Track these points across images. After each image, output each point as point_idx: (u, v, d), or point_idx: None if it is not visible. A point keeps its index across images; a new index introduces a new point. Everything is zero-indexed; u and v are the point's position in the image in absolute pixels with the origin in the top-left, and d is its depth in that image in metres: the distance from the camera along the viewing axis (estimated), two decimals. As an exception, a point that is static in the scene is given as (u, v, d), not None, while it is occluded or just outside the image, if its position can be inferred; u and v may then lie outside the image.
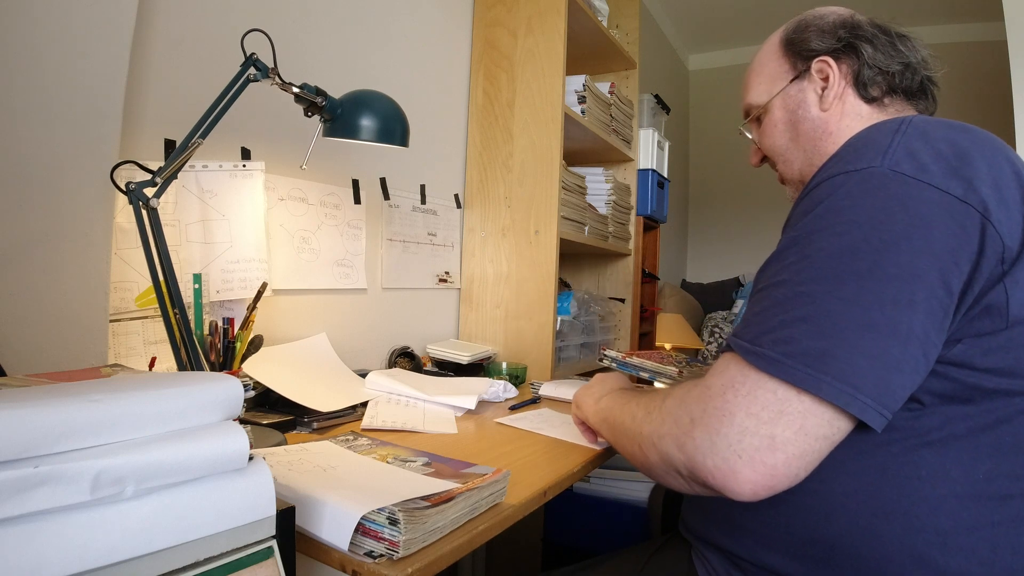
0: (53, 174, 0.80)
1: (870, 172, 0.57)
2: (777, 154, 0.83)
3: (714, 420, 0.55)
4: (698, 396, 0.58)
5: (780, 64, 0.81)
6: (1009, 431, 0.57)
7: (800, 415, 0.52)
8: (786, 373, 0.53)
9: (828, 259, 0.55)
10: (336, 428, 0.97)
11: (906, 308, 0.52)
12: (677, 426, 0.59)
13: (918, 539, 0.56)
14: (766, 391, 0.53)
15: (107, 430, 0.39)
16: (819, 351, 0.52)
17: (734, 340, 0.59)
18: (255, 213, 1.09)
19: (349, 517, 0.54)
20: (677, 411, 0.59)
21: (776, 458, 0.52)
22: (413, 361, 1.44)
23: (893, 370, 0.52)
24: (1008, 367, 0.56)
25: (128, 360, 0.93)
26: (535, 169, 1.61)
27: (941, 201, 0.55)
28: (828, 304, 0.53)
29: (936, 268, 0.53)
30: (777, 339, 0.54)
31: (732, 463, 0.53)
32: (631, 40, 2.19)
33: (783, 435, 0.52)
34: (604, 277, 2.26)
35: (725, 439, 0.54)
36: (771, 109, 0.81)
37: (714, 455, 0.54)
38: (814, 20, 0.79)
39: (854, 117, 0.75)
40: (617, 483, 1.45)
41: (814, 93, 0.77)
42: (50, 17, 0.78)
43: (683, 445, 0.57)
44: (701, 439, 0.55)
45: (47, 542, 0.35)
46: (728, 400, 0.55)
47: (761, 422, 0.53)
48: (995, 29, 1.84)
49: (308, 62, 1.25)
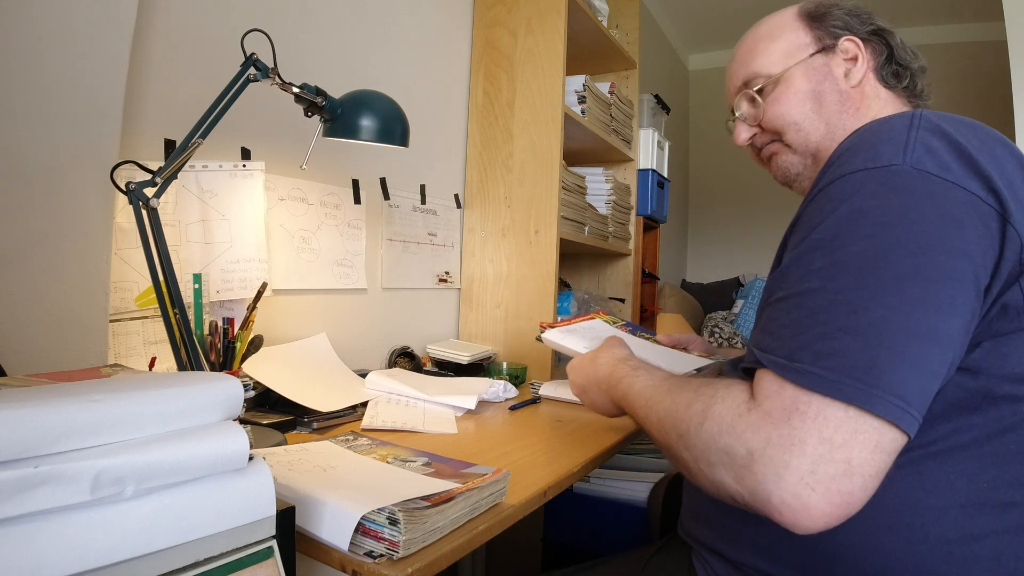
0: (53, 174, 0.80)
1: (893, 170, 0.55)
2: (790, 123, 0.79)
3: (782, 453, 0.49)
4: (754, 425, 0.52)
5: (800, 35, 0.80)
6: (1014, 439, 0.56)
7: (876, 431, 0.49)
8: (834, 390, 0.49)
9: (864, 264, 0.52)
10: (336, 428, 0.97)
11: (948, 313, 0.51)
12: (731, 457, 0.53)
13: (921, 550, 0.55)
14: (837, 410, 0.49)
15: (107, 430, 0.39)
16: (867, 364, 0.49)
17: (765, 356, 0.54)
18: (255, 213, 1.09)
19: (349, 517, 0.54)
20: (727, 440, 0.53)
21: (854, 483, 0.48)
22: (413, 361, 1.44)
23: (933, 378, 0.51)
24: (1020, 373, 0.55)
25: (128, 360, 0.93)
26: (535, 169, 1.61)
27: (967, 201, 0.54)
28: (870, 312, 0.50)
29: (971, 270, 0.52)
30: (819, 353, 0.51)
31: (804, 498, 0.48)
32: (631, 40, 2.19)
33: (860, 456, 0.48)
34: (604, 277, 2.26)
35: (796, 471, 0.49)
36: (789, 78, 0.79)
37: (781, 491, 0.49)
38: (836, 3, 0.80)
39: (874, 98, 0.76)
40: (617, 483, 1.45)
41: (840, 68, 0.77)
42: (50, 17, 0.78)
43: (742, 479, 0.52)
44: (765, 473, 0.50)
45: (47, 542, 0.35)
46: (796, 427, 0.49)
47: (835, 446, 0.48)
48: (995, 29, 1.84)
49: (308, 62, 1.25)
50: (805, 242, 0.57)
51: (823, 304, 0.53)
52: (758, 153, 0.86)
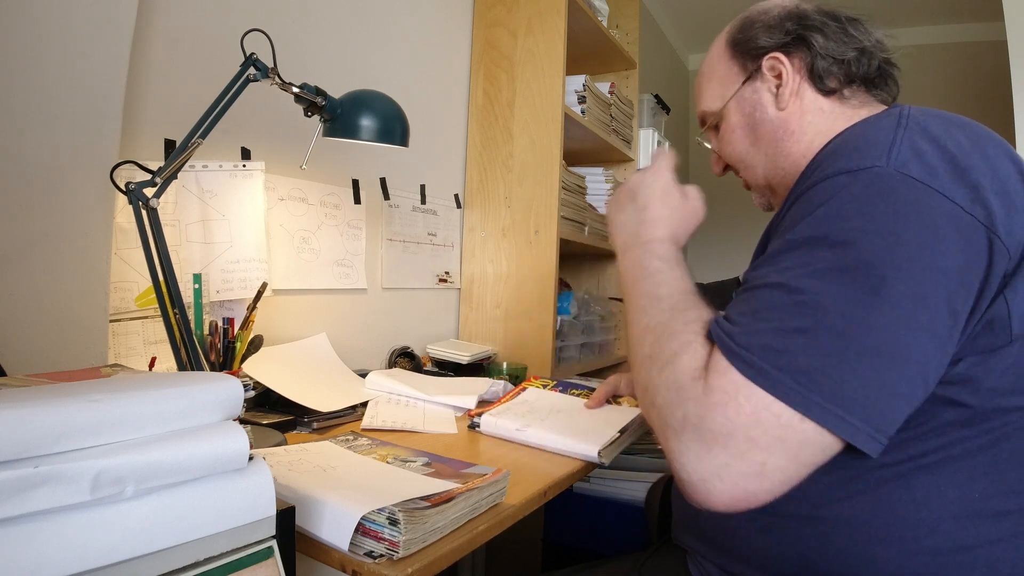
0: (53, 174, 0.80)
1: (876, 173, 0.54)
2: (738, 160, 0.79)
3: (708, 437, 0.51)
4: (697, 397, 0.53)
5: (729, 67, 0.76)
6: (1007, 448, 0.55)
7: (798, 444, 0.49)
8: (774, 386, 0.49)
9: (833, 270, 0.51)
10: (336, 428, 0.97)
11: (912, 331, 0.50)
12: (670, 411, 0.54)
13: (915, 562, 0.55)
14: (770, 414, 0.50)
15: (107, 430, 0.39)
16: (813, 368, 0.49)
17: (719, 333, 0.55)
18: (255, 213, 1.09)
19: (349, 517, 0.54)
20: (674, 395, 0.55)
21: (761, 486, 0.50)
22: (413, 361, 1.44)
23: (890, 395, 0.50)
24: (1009, 385, 0.54)
25: (128, 360, 0.93)
26: (535, 169, 1.61)
27: (951, 212, 0.51)
28: (829, 320, 0.50)
29: (944, 288, 0.50)
30: (768, 347, 0.51)
31: (711, 485, 0.50)
32: (631, 40, 2.19)
33: (775, 463, 0.49)
34: (604, 277, 2.26)
35: (714, 459, 0.50)
36: (727, 115, 0.77)
37: (696, 470, 0.51)
38: (759, 16, 0.74)
39: (816, 112, 0.70)
40: (617, 483, 1.45)
41: (768, 93, 0.72)
42: (50, 17, 0.78)
43: (667, 438, 0.54)
44: (689, 445, 0.52)
45: (47, 542, 0.35)
46: (730, 418, 0.50)
47: (757, 447, 0.49)
48: (995, 29, 1.84)
49: (308, 62, 1.25)
50: (782, 241, 0.57)
51: (784, 302, 0.53)
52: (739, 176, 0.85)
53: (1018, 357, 0.54)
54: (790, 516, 0.60)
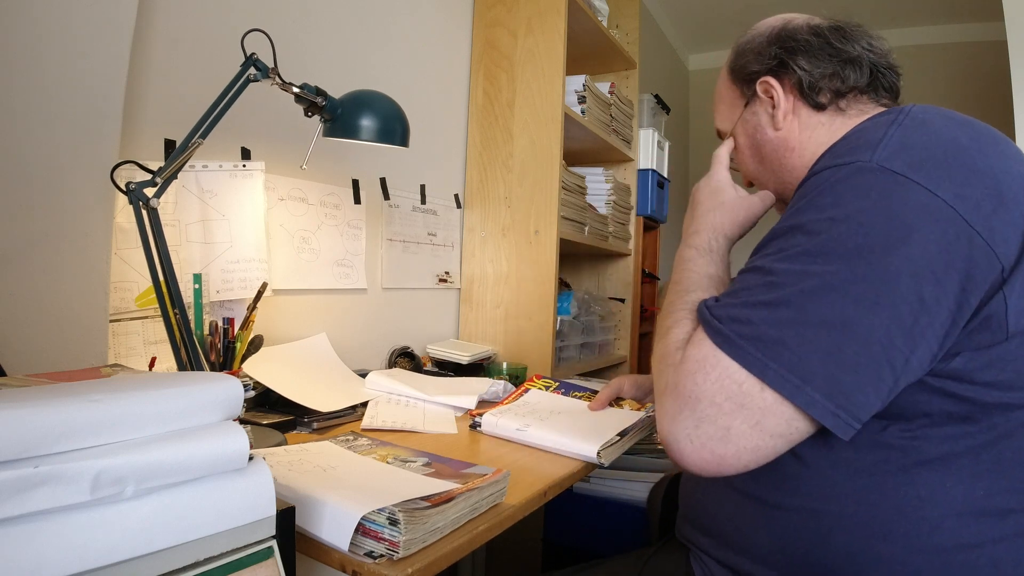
0: (53, 174, 0.80)
1: (858, 167, 0.56)
2: (752, 177, 0.82)
3: (680, 400, 0.56)
4: (676, 364, 0.59)
5: (732, 91, 0.80)
6: (1009, 446, 0.55)
7: (759, 411, 0.53)
8: (737, 353, 0.53)
9: (800, 254, 0.55)
10: (336, 428, 0.97)
11: (873, 313, 0.51)
12: (658, 379, 0.62)
13: (919, 559, 0.55)
14: (732, 382, 0.54)
15: (107, 430, 0.39)
16: (773, 338, 0.53)
17: (702, 311, 0.60)
18: (255, 213, 1.09)
19: (349, 517, 0.54)
20: (662, 364, 0.62)
21: (727, 449, 0.54)
22: (413, 361, 1.44)
23: (848, 370, 0.51)
24: (1008, 380, 0.54)
25: (128, 360, 0.93)
26: (535, 169, 1.61)
27: (928, 204, 0.52)
28: (791, 295, 0.53)
29: (909, 273, 0.51)
30: (734, 317, 0.56)
31: (682, 445, 0.55)
32: (631, 40, 2.19)
33: (739, 428, 0.53)
34: (604, 277, 2.26)
35: (684, 422, 0.55)
36: (736, 136, 0.81)
37: (672, 430, 0.56)
38: (749, 42, 0.77)
39: (815, 127, 0.72)
40: (617, 483, 1.45)
41: (766, 114, 0.75)
42: (50, 17, 0.78)
43: (657, 402, 0.60)
44: (668, 408, 0.57)
45: (47, 542, 0.35)
46: (698, 383, 0.55)
47: (722, 412, 0.54)
48: (995, 29, 1.84)
49: (308, 62, 1.25)
50: (770, 231, 0.62)
51: (757, 282, 0.57)
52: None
53: (1016, 353, 0.54)
54: (794, 510, 0.60)
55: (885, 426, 0.57)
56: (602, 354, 2.08)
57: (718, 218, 0.77)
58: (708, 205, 0.78)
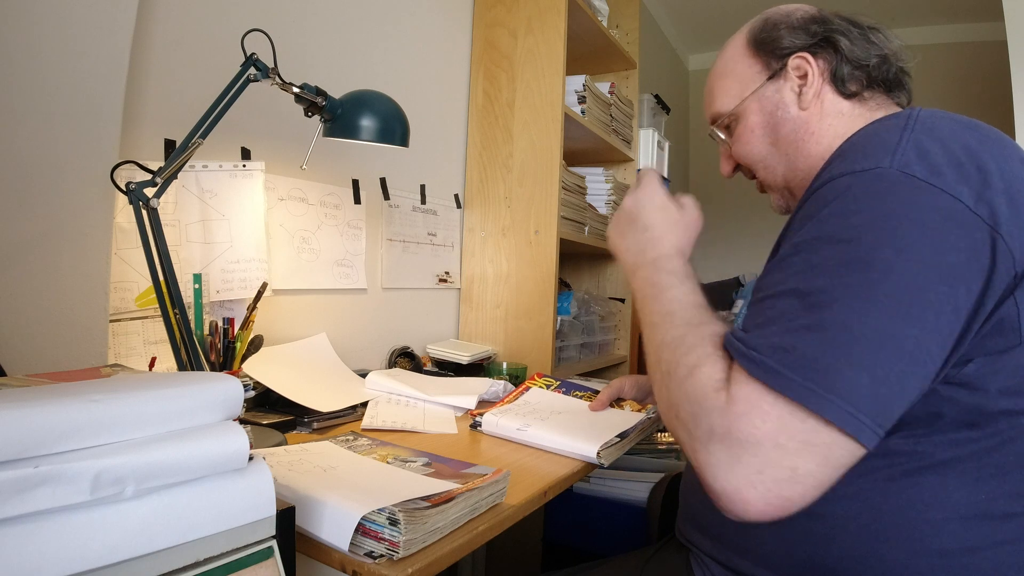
0: (53, 174, 0.80)
1: (878, 173, 0.54)
2: (756, 161, 0.78)
3: (736, 447, 0.51)
4: (720, 408, 0.53)
5: (749, 65, 0.76)
6: (1013, 450, 0.55)
7: (826, 446, 0.50)
8: (790, 387, 0.50)
9: (837, 267, 0.52)
10: (336, 428, 0.97)
11: (914, 324, 0.50)
12: (695, 424, 0.54)
13: (920, 563, 0.55)
14: (795, 419, 0.50)
15: (107, 430, 0.39)
16: (824, 366, 0.49)
17: (732, 341, 0.56)
18: (255, 213, 1.09)
19: (349, 517, 0.54)
20: (696, 408, 0.55)
21: (794, 490, 0.50)
22: (413, 361, 1.44)
23: (895, 389, 0.50)
24: (1016, 386, 0.54)
25: (128, 360, 0.93)
26: (535, 169, 1.61)
27: (952, 210, 0.52)
28: (835, 314, 0.51)
29: (944, 283, 0.51)
30: (776, 346, 0.52)
31: (745, 493, 0.50)
32: (631, 40, 2.19)
33: (806, 467, 0.49)
34: (604, 277, 2.26)
35: (746, 468, 0.50)
36: (744, 114, 0.76)
37: (729, 479, 0.51)
38: (782, 18, 0.75)
39: (835, 115, 0.71)
40: (617, 483, 1.45)
41: (791, 92, 0.73)
42: (50, 17, 0.78)
43: (695, 451, 0.54)
44: (719, 457, 0.52)
45: (47, 542, 0.35)
46: (757, 426, 0.50)
47: (787, 453, 0.49)
48: (995, 29, 1.84)
49: (308, 62, 1.25)
50: (788, 245, 0.58)
51: (793, 305, 0.53)
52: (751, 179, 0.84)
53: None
54: (797, 512, 0.60)
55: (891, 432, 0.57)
56: (602, 354, 2.08)
57: (678, 239, 0.74)
58: (663, 225, 0.75)
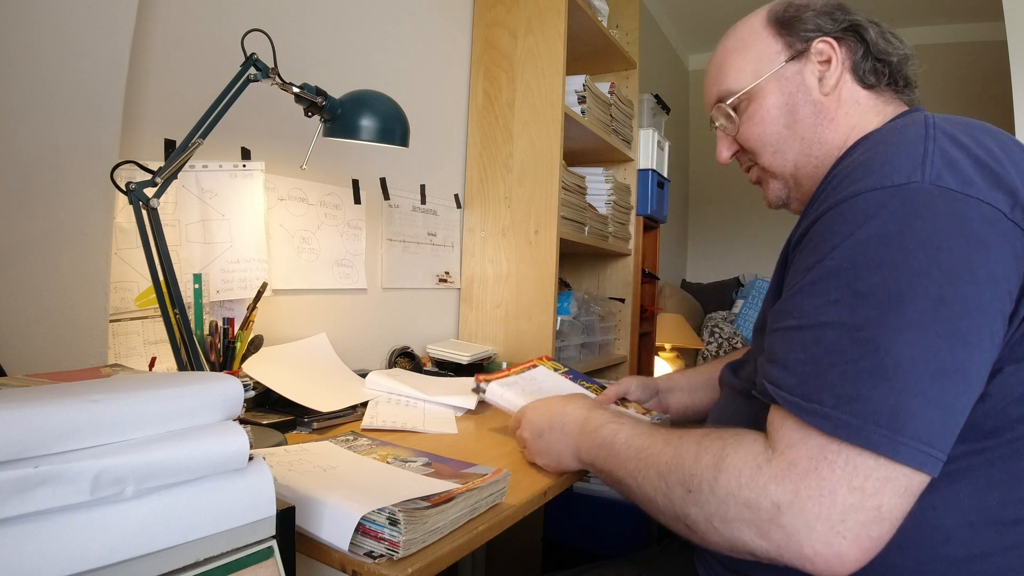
0: (53, 174, 0.80)
1: (913, 188, 0.52)
2: (766, 144, 0.75)
3: (811, 503, 0.49)
4: (780, 475, 0.51)
5: (770, 44, 0.74)
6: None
7: (906, 476, 0.49)
8: (860, 438, 0.48)
9: (885, 296, 0.50)
10: (336, 428, 0.97)
11: (975, 348, 0.49)
12: (753, 512, 0.52)
13: (930, 569, 0.55)
14: (866, 458, 0.49)
15: (107, 430, 0.39)
16: (893, 409, 0.48)
17: (781, 394, 0.53)
18: (255, 213, 1.09)
19: (349, 517, 0.54)
20: (748, 494, 0.52)
21: (882, 528, 0.49)
22: (413, 361, 1.44)
23: (960, 416, 0.50)
24: None
25: (128, 360, 0.93)
26: (535, 169, 1.61)
27: (993, 219, 0.51)
28: (895, 352, 0.48)
29: (997, 298, 0.50)
30: (841, 396, 0.49)
31: (836, 547, 0.48)
32: (631, 40, 2.19)
33: (889, 503, 0.49)
34: (604, 277, 2.26)
35: (827, 522, 0.49)
36: (760, 94, 0.73)
37: (814, 542, 0.49)
38: (806, 1, 0.74)
39: (852, 103, 0.71)
40: (617, 483, 1.45)
41: (813, 75, 0.71)
42: (50, 17, 0.78)
43: (767, 534, 0.51)
44: (795, 527, 0.49)
45: (47, 542, 0.35)
46: (825, 477, 0.49)
47: (867, 495, 0.48)
48: (995, 29, 1.84)
49: (308, 62, 1.25)
50: (820, 267, 0.55)
51: (844, 341, 0.51)
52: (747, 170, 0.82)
53: None
54: None
55: None
56: (602, 354, 2.08)
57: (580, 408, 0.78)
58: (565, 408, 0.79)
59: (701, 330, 3.31)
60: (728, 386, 0.79)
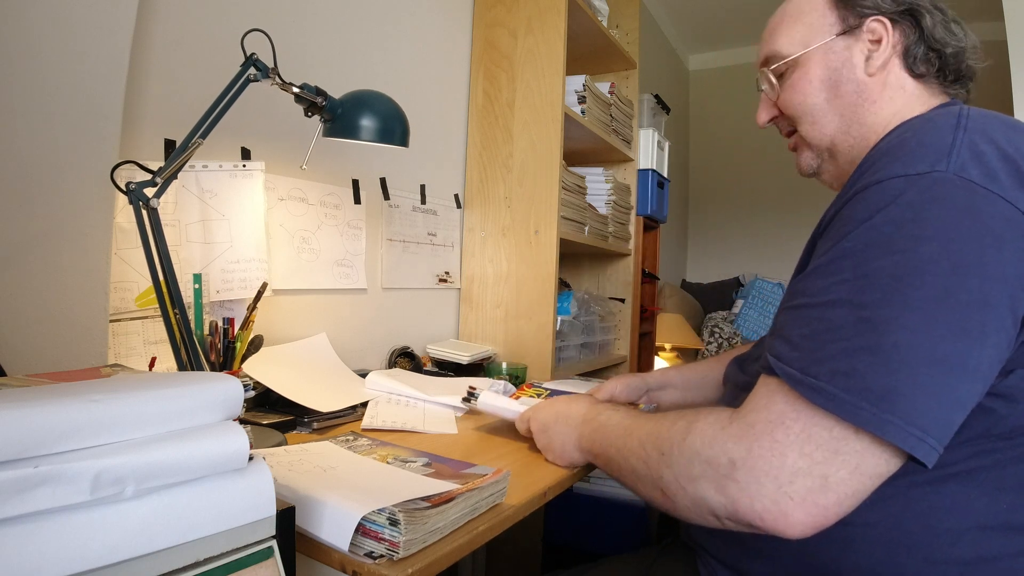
0: (53, 174, 0.80)
1: (934, 178, 0.52)
2: (805, 113, 0.74)
3: (762, 462, 0.51)
4: (737, 434, 0.54)
5: (825, 15, 0.73)
6: None
7: (857, 454, 0.49)
8: (847, 411, 0.49)
9: (893, 280, 0.50)
10: (336, 428, 0.97)
11: (977, 340, 0.49)
12: (713, 468, 0.55)
13: (938, 572, 0.55)
14: (821, 428, 0.50)
15: (107, 430, 0.39)
16: (884, 388, 0.48)
17: (780, 366, 0.54)
18: (255, 213, 1.09)
19: (349, 518, 0.54)
20: (709, 451, 0.55)
21: (828, 499, 0.50)
22: (413, 361, 1.44)
23: (957, 408, 0.49)
24: None
25: (128, 360, 0.93)
26: (535, 169, 1.61)
27: (1011, 217, 0.50)
28: (895, 334, 0.49)
29: (1007, 295, 0.49)
30: (836, 371, 0.50)
31: (783, 505, 0.50)
32: (631, 40, 2.19)
33: (837, 475, 0.50)
34: (604, 277, 2.26)
35: (775, 481, 0.51)
36: (806, 63, 0.73)
37: (763, 498, 0.51)
38: None
39: (897, 89, 0.69)
40: (617, 483, 1.45)
41: (861, 54, 0.70)
42: (50, 17, 0.78)
43: (724, 488, 0.54)
44: (747, 481, 0.52)
45: (47, 542, 0.35)
46: (778, 440, 0.51)
47: (815, 462, 0.50)
48: (995, 29, 1.84)
49: (308, 62, 1.25)
50: (835, 249, 0.55)
51: (847, 319, 0.51)
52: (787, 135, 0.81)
53: None
54: None
55: None
56: (602, 354, 2.08)
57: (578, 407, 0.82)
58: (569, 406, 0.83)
59: (701, 330, 3.31)
60: (732, 382, 0.79)
